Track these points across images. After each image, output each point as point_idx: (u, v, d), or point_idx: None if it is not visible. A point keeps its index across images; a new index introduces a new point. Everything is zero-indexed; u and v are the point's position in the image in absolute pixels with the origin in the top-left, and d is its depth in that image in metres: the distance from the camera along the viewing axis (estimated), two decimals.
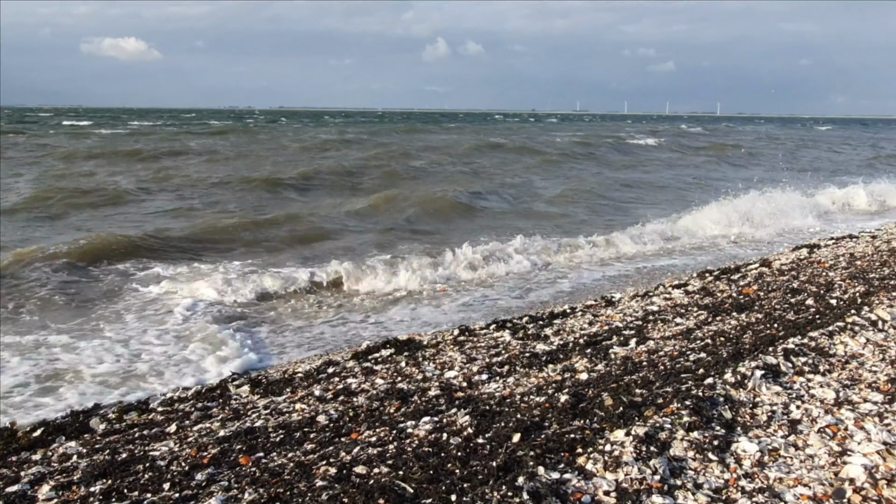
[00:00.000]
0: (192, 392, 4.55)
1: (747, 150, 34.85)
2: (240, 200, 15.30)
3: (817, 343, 3.94)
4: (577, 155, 29.20)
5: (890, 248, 7.83)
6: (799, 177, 17.63)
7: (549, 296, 7.82)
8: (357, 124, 61.54)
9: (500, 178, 20.32)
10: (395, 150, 27.83)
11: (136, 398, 4.75)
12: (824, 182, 17.66)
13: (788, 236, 11.82)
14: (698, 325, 5.04)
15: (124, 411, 4.20)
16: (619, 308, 6.03)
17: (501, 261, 9.16)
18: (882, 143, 46.74)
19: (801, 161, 30.55)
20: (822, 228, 12.63)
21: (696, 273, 7.70)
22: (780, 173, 19.62)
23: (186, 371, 5.42)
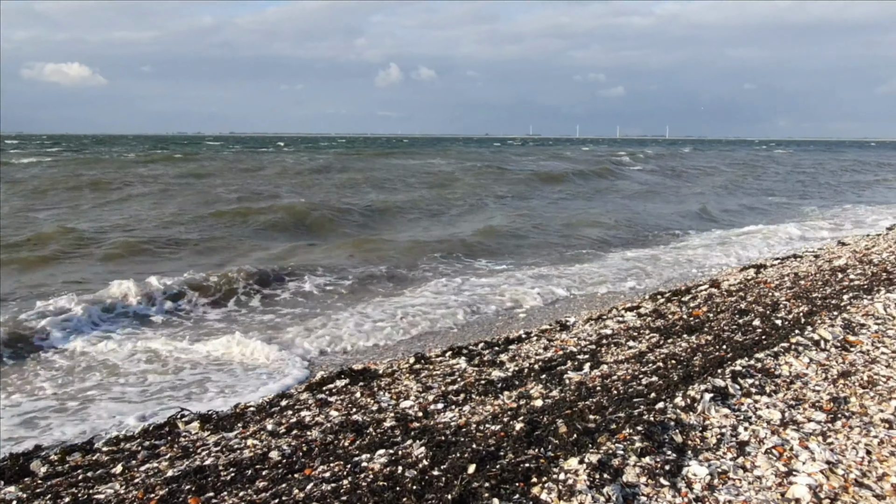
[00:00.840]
0: (139, 430, 4.42)
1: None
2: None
3: (763, 364, 4.04)
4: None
5: (831, 268, 8.09)
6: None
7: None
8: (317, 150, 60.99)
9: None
10: (441, 180, 26.78)
11: (80, 438, 4.59)
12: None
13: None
14: (650, 347, 5.12)
15: (67, 452, 4.06)
16: (573, 332, 6.09)
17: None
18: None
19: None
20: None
21: (649, 295, 7.84)
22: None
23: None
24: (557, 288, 9.30)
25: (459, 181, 26.89)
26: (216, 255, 12.16)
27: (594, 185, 28.30)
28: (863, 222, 17.01)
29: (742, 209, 20.92)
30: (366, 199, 19.90)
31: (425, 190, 23.83)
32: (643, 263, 11.21)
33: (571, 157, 47.45)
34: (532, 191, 25.16)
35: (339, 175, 28.66)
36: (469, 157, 44.55)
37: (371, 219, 17.17)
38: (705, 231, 15.76)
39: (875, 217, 18.14)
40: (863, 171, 41.92)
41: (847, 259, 8.60)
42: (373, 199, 19.90)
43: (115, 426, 4.91)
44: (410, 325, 7.63)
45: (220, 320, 8.11)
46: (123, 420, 5.04)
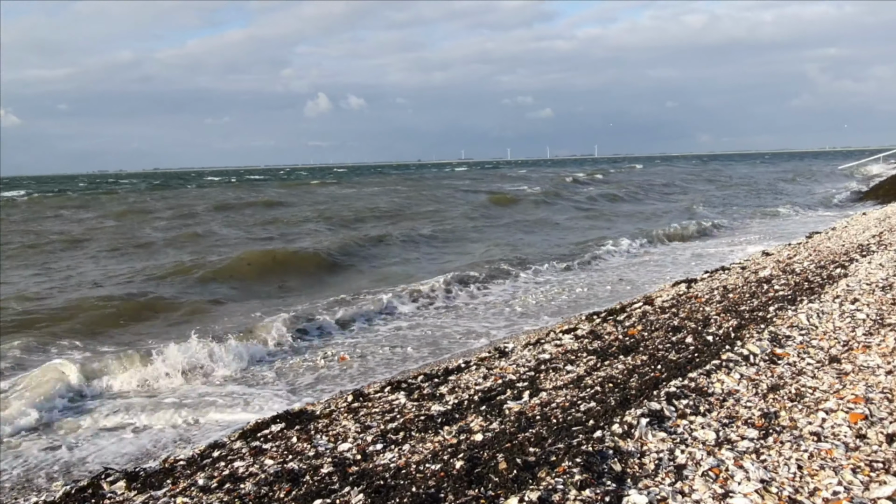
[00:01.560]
0: (61, 495, 4.15)
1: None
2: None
3: (697, 383, 4.10)
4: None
5: (758, 279, 8.35)
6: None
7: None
8: (254, 184, 59.83)
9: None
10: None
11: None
12: None
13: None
14: (588, 371, 5.14)
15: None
16: (512, 359, 6.08)
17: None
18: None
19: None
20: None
21: (585, 315, 7.92)
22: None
23: None
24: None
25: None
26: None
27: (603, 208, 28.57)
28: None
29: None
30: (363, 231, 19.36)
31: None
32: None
33: (538, 178, 48.69)
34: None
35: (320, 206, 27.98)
36: (428, 186, 43.71)
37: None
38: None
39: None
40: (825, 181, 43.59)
41: (771, 269, 8.90)
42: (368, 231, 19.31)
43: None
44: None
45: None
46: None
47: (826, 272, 7.90)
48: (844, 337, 4.94)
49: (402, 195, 34.48)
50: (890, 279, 6.68)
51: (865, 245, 9.86)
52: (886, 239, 10.13)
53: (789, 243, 13.35)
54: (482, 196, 32.06)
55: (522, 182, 44.53)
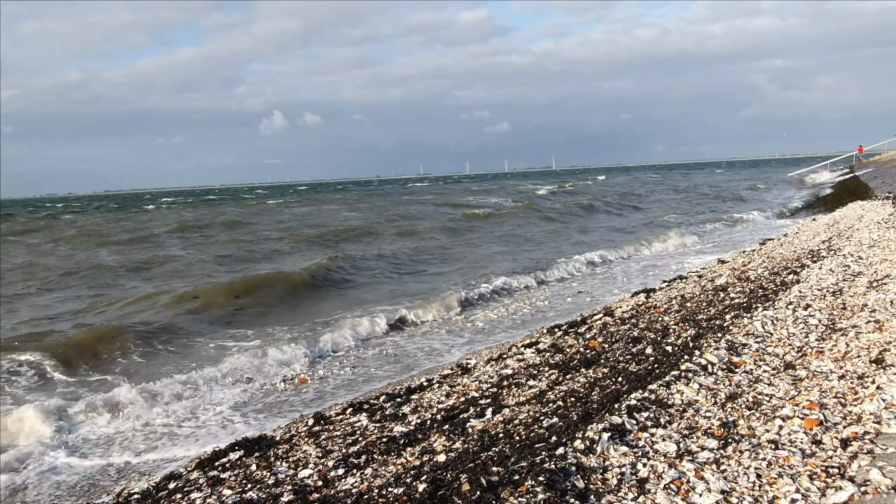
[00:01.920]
0: None
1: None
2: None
3: (657, 395, 4.12)
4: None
5: (714, 287, 8.49)
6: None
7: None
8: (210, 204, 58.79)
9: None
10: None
11: None
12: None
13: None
14: (550, 385, 5.14)
15: None
16: (474, 375, 6.05)
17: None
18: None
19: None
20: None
21: (547, 329, 7.94)
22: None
23: None
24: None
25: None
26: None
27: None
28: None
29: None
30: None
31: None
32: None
33: (506, 192, 48.85)
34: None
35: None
36: (394, 203, 42.65)
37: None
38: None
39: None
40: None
41: (727, 277, 9.06)
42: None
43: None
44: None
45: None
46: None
47: (779, 279, 8.07)
48: (798, 343, 5.03)
49: (372, 212, 33.91)
50: (840, 284, 6.85)
51: (816, 251, 10.12)
52: (835, 244, 10.41)
53: (744, 250, 13.63)
54: (454, 211, 31.96)
55: (491, 196, 44.65)
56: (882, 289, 6.17)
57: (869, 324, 5.12)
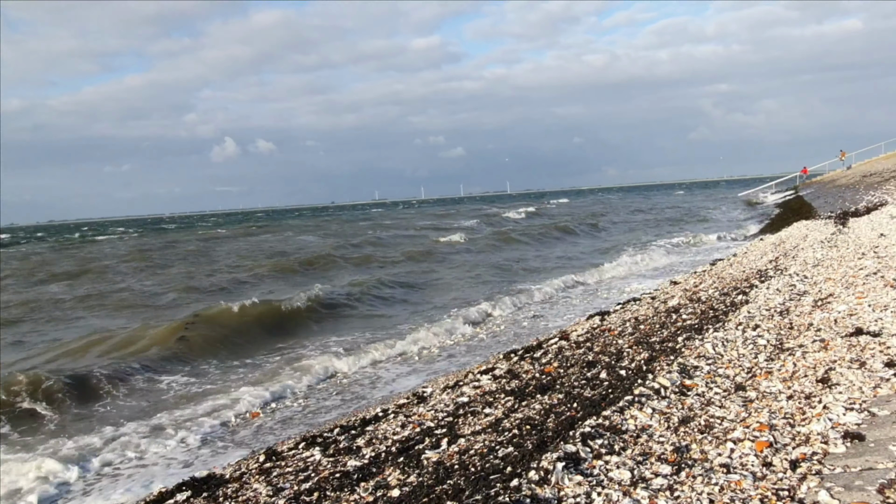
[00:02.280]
0: None
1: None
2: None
3: (611, 421, 4.11)
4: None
5: (667, 309, 8.60)
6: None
7: None
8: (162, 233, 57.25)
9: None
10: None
11: None
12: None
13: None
14: (506, 413, 5.10)
15: None
16: (430, 404, 5.98)
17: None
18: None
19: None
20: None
21: (503, 354, 7.91)
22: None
23: None
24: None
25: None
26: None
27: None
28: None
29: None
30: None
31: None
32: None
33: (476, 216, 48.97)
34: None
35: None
36: (358, 229, 42.31)
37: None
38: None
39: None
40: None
41: (679, 298, 9.20)
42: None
43: None
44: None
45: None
46: None
47: (729, 299, 8.22)
48: (748, 364, 5.10)
49: (337, 238, 33.51)
50: (787, 303, 7.00)
51: (764, 270, 10.36)
52: (782, 263, 10.67)
53: (695, 271, 13.89)
54: (424, 238, 31.83)
55: (462, 218, 44.77)
56: (826, 308, 6.32)
57: (815, 343, 5.23)
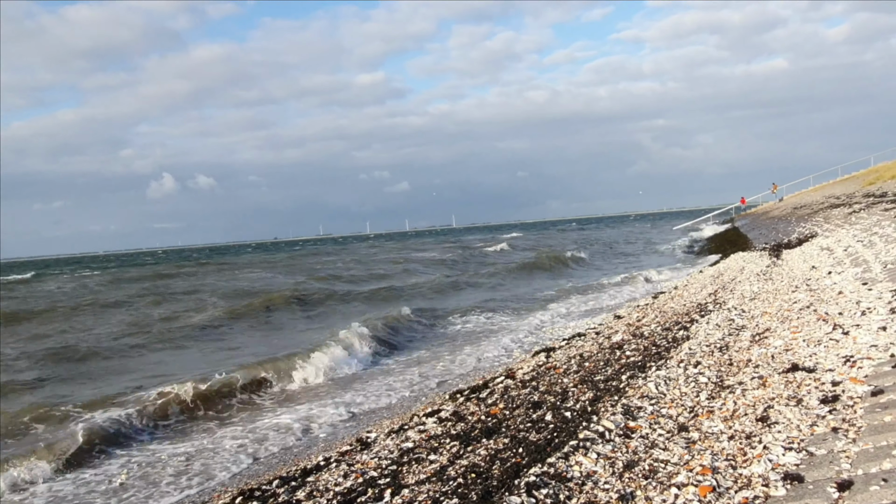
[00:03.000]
0: None
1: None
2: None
3: (556, 468, 4.06)
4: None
5: (611, 345, 8.66)
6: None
7: None
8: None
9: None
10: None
11: None
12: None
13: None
14: (451, 460, 4.99)
15: None
16: (374, 451, 5.81)
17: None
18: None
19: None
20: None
21: (449, 394, 7.81)
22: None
23: None
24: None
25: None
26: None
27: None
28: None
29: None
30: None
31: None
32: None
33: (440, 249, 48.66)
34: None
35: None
36: (312, 265, 40.54)
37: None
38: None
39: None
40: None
41: (623, 334, 9.28)
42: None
43: None
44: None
45: None
46: None
47: (671, 334, 8.33)
48: (690, 403, 5.13)
49: (304, 274, 32.56)
50: (726, 339, 7.13)
51: (703, 304, 10.58)
52: (721, 297, 10.93)
53: (638, 305, 14.10)
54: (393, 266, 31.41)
55: (427, 250, 44.61)
56: (763, 343, 6.45)
57: (753, 380, 5.30)
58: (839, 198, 27.86)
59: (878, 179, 29.49)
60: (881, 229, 12.98)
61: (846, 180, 41.21)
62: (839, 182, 42.11)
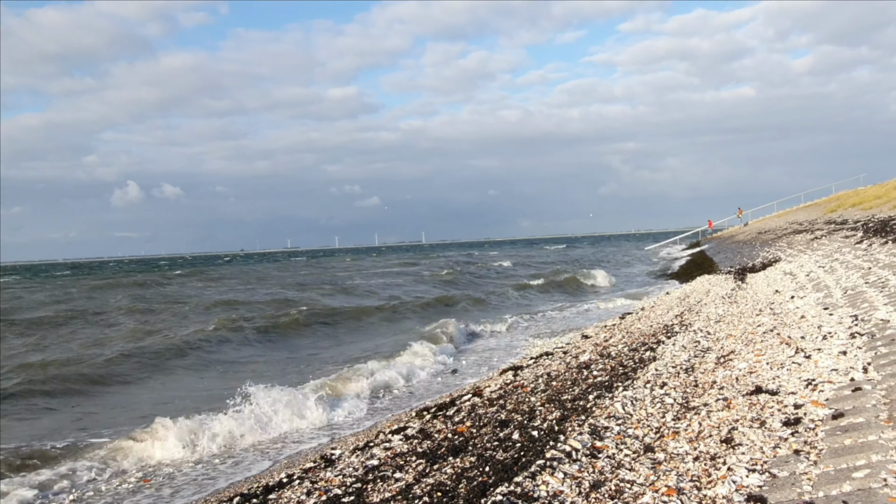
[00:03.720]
0: None
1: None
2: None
3: (523, 488, 4.03)
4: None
5: (578, 364, 8.70)
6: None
7: None
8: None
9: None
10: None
11: None
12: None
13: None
14: (417, 478, 4.94)
15: None
16: (338, 468, 5.73)
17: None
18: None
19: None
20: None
21: (416, 412, 7.76)
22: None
23: None
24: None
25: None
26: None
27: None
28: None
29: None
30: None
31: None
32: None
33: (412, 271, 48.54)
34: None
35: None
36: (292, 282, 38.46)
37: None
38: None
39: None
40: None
41: (590, 354, 9.33)
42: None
43: None
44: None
45: None
46: None
47: (638, 355, 8.39)
48: (656, 424, 5.16)
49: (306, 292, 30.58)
50: (691, 360, 7.20)
51: (670, 325, 10.69)
52: (686, 319, 11.06)
53: (605, 325, 14.21)
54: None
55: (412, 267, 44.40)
56: (728, 365, 6.53)
57: (718, 402, 5.35)
58: (802, 224, 28.51)
59: (839, 207, 30.25)
60: (842, 256, 13.29)
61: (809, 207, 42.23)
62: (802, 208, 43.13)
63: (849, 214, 25.12)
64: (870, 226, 17.40)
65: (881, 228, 15.74)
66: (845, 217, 24.28)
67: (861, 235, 15.81)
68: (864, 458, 3.61)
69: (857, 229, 17.81)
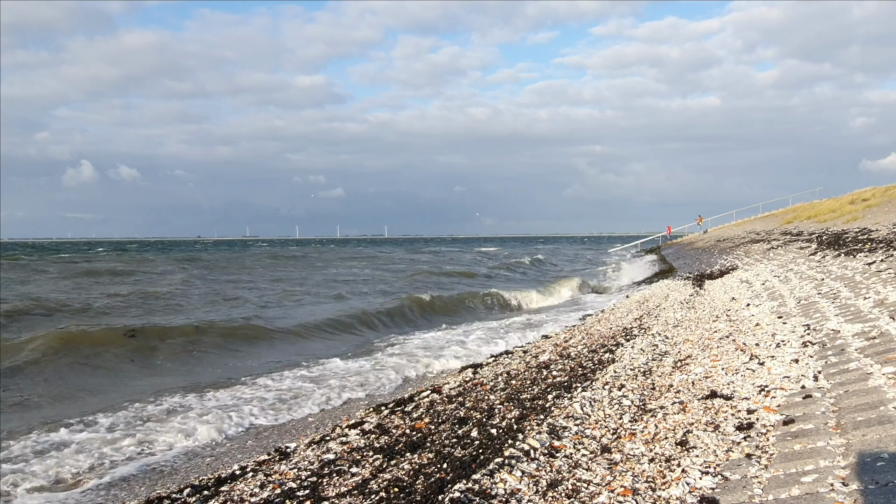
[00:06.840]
0: None
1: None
2: None
3: (481, 485, 4.03)
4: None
5: (538, 364, 8.74)
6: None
7: None
8: None
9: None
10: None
11: None
12: None
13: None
14: (374, 473, 4.90)
15: None
16: (293, 461, 5.66)
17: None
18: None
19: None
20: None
21: (374, 407, 7.71)
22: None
23: None
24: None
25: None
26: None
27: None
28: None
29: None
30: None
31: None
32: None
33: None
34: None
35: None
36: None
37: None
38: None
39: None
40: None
41: (550, 354, 9.39)
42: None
43: None
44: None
45: None
46: None
47: (597, 356, 8.48)
48: (613, 425, 5.21)
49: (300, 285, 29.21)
50: (649, 363, 7.30)
51: (629, 328, 10.83)
52: (645, 322, 11.22)
53: (567, 326, 14.35)
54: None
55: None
56: (685, 370, 6.64)
57: (674, 405, 5.43)
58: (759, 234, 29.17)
59: (796, 219, 31.04)
60: (796, 266, 13.63)
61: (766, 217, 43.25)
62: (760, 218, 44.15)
63: (804, 226, 25.78)
64: (824, 238, 17.88)
65: (834, 241, 16.18)
66: (801, 229, 24.92)
67: (815, 247, 16.25)
68: (812, 463, 3.70)
69: (812, 241, 18.29)
